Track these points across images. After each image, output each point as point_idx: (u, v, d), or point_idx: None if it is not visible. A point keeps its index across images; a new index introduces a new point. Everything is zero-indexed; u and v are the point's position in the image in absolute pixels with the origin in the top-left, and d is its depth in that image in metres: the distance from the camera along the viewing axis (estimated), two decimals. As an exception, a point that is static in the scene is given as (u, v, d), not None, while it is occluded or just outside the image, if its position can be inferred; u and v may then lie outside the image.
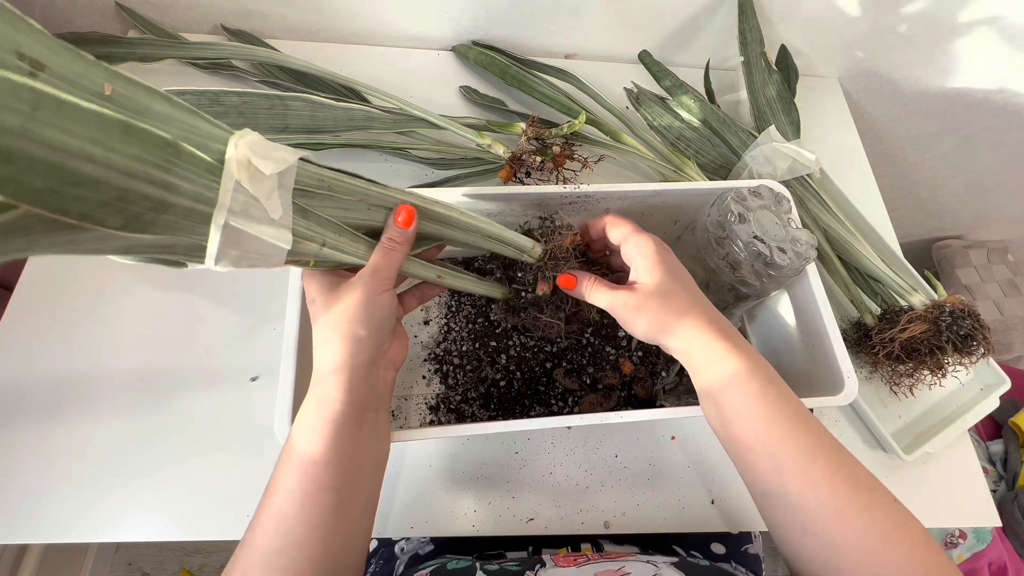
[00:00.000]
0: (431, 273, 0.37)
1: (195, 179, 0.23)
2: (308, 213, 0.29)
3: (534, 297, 0.40)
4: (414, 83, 0.68)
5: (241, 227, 0.25)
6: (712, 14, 0.70)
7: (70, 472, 0.46)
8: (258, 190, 0.26)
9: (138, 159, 0.21)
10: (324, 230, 0.30)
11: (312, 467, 0.30)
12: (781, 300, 0.50)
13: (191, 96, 0.51)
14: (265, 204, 0.26)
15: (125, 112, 0.21)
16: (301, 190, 0.29)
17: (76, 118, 0.19)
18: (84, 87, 0.20)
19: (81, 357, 0.51)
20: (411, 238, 0.33)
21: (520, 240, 0.39)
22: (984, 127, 0.84)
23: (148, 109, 0.22)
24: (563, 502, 0.49)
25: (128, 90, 0.22)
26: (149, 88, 0.22)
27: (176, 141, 0.22)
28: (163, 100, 0.23)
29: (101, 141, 0.19)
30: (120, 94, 0.21)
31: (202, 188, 0.24)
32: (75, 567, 0.99)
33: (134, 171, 0.20)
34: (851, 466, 0.32)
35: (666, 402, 0.52)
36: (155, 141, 0.21)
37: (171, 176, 0.22)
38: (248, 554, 0.30)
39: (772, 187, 0.46)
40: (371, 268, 0.32)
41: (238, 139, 0.25)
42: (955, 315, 0.50)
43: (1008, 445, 0.93)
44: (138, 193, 0.21)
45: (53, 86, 0.18)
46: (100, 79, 0.20)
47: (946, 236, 1.18)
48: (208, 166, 0.24)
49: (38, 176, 0.18)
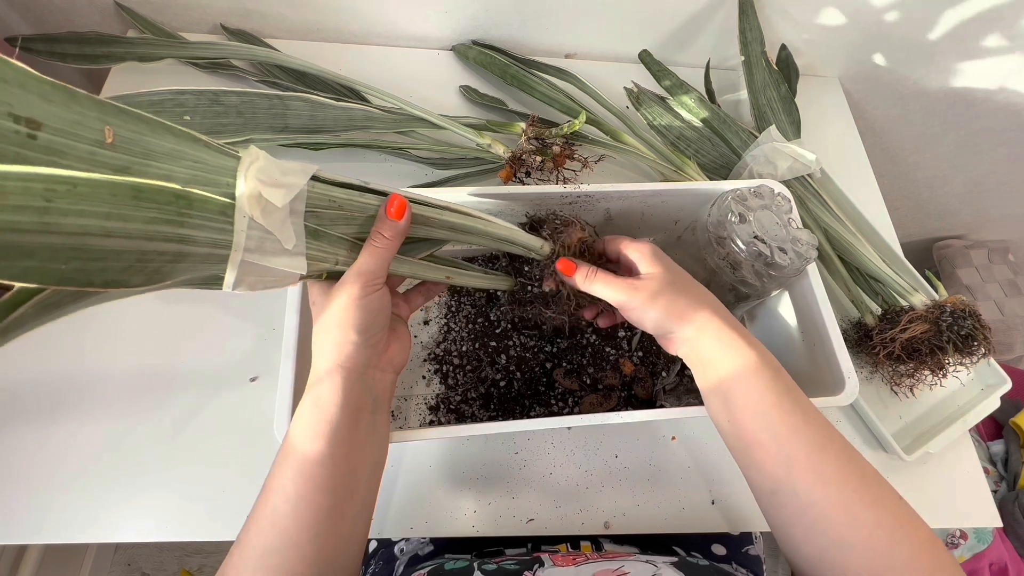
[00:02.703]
0: (440, 275, 0.37)
1: (209, 225, 0.23)
2: (320, 234, 0.29)
3: (540, 292, 0.40)
4: (414, 83, 0.68)
5: (258, 261, 0.25)
6: (712, 14, 0.70)
7: (70, 472, 0.46)
8: (271, 222, 0.25)
9: (154, 220, 0.20)
10: (336, 249, 0.30)
11: (308, 467, 0.30)
12: (782, 300, 0.50)
13: (191, 95, 0.51)
14: (279, 235, 0.26)
15: (129, 161, 0.20)
16: (311, 211, 0.28)
17: (89, 197, 0.18)
18: (84, 137, 0.19)
19: (81, 357, 0.50)
20: (402, 232, 0.32)
21: (529, 240, 0.38)
22: (985, 127, 0.84)
23: (152, 149, 0.22)
24: (563, 502, 0.49)
25: (128, 129, 0.21)
26: (149, 120, 0.22)
27: (187, 191, 0.22)
28: (165, 132, 0.22)
29: (116, 213, 0.19)
30: (121, 137, 0.20)
31: (216, 233, 0.23)
32: (74, 567, 0.99)
33: (151, 234, 0.20)
34: (858, 462, 0.32)
35: (666, 402, 0.51)
36: (166, 197, 0.21)
37: (185, 228, 0.22)
38: (242, 553, 0.30)
39: (773, 187, 0.46)
40: (358, 269, 0.31)
41: (246, 169, 0.24)
42: (956, 315, 0.50)
43: (1009, 445, 0.92)
44: (156, 252, 0.21)
45: (53, 151, 0.18)
46: (97, 123, 0.20)
47: (947, 236, 1.18)
48: (220, 207, 0.23)
49: (61, 262, 0.18)
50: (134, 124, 0.21)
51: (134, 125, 0.21)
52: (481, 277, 0.40)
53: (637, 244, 0.39)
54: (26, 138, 0.17)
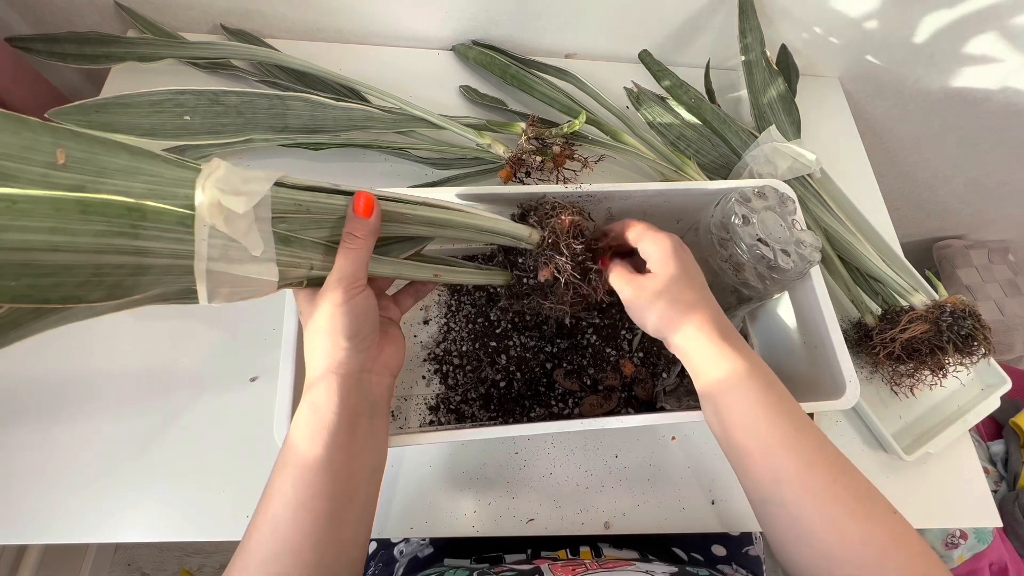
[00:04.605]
0: (427, 273, 0.37)
1: (167, 236, 0.23)
2: (291, 239, 0.29)
3: (536, 283, 0.40)
4: (414, 83, 0.68)
5: (224, 270, 0.25)
6: (712, 14, 0.70)
7: (70, 472, 0.46)
8: (234, 230, 0.25)
9: (104, 234, 0.20)
10: (309, 253, 0.30)
11: (306, 473, 0.30)
12: (783, 302, 0.50)
13: (191, 95, 0.51)
14: (244, 243, 0.25)
15: (83, 180, 0.20)
16: (279, 217, 0.28)
17: (30, 212, 0.18)
18: (34, 160, 0.19)
19: (81, 357, 0.50)
20: (374, 230, 0.31)
21: (516, 230, 0.38)
22: (985, 127, 0.84)
23: (106, 167, 0.21)
24: (563, 502, 0.49)
25: (82, 150, 0.21)
26: (103, 140, 0.22)
27: (139, 203, 0.22)
28: (120, 150, 0.22)
29: (62, 228, 0.19)
30: (74, 158, 0.20)
31: (175, 244, 0.23)
32: (74, 567, 0.99)
33: (102, 247, 0.20)
34: (850, 474, 0.32)
35: (667, 404, 0.51)
36: (116, 210, 0.21)
37: (141, 240, 0.22)
38: (244, 560, 0.30)
39: (777, 187, 0.46)
40: (337, 272, 0.31)
41: (205, 180, 0.24)
42: (956, 315, 0.50)
43: (1009, 445, 0.92)
44: (111, 265, 0.21)
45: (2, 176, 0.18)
46: (50, 147, 0.20)
47: (947, 236, 1.18)
48: (178, 218, 0.23)
49: (9, 278, 0.18)
50: (88, 145, 0.21)
51: (88, 146, 0.21)
52: (474, 272, 0.39)
53: (656, 237, 0.38)
54: None
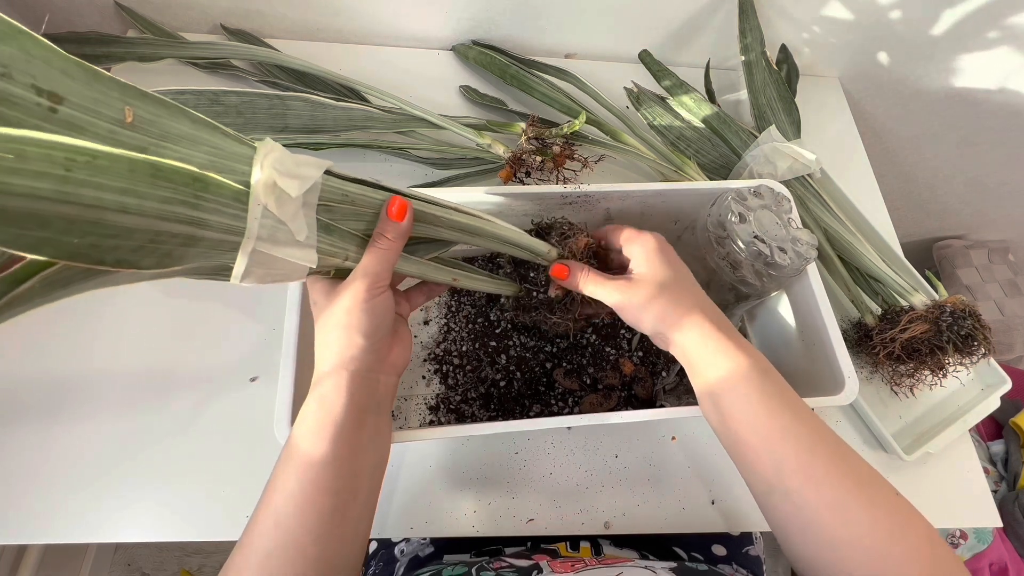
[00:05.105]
0: (447, 276, 0.37)
1: (223, 210, 0.23)
2: (331, 228, 0.29)
3: (545, 298, 0.40)
4: (414, 83, 0.68)
5: (268, 251, 0.25)
6: (712, 14, 0.70)
7: (70, 472, 0.46)
8: (284, 212, 0.25)
9: (169, 200, 0.20)
10: (347, 244, 0.30)
11: (311, 468, 0.30)
12: (781, 300, 0.50)
13: (191, 95, 0.51)
14: (291, 226, 0.26)
15: (147, 141, 0.20)
16: (324, 205, 0.28)
17: (108, 171, 0.18)
18: (104, 115, 0.19)
19: (81, 357, 0.50)
20: (405, 233, 0.32)
21: (536, 245, 0.38)
22: (985, 126, 0.84)
23: (170, 132, 0.22)
24: (563, 502, 0.49)
25: (148, 111, 0.21)
26: (167, 103, 0.22)
27: (203, 174, 0.22)
28: (183, 116, 0.22)
29: (133, 190, 0.19)
30: (141, 118, 0.20)
31: (230, 219, 0.23)
32: (74, 567, 0.99)
33: (165, 213, 0.20)
34: (852, 461, 0.32)
35: (666, 402, 0.51)
36: (183, 179, 0.21)
37: (200, 212, 0.22)
38: (245, 554, 0.30)
39: (772, 187, 0.46)
40: (363, 270, 0.31)
41: (263, 158, 0.25)
42: (956, 315, 0.50)
43: (1009, 445, 0.92)
44: (168, 233, 0.21)
45: (73, 127, 0.18)
46: (119, 103, 0.20)
47: (947, 236, 1.18)
48: (235, 194, 0.23)
49: (75, 235, 0.18)
50: (153, 107, 0.21)
51: (153, 107, 0.21)
52: (487, 281, 0.40)
53: (639, 238, 0.38)
54: (47, 111, 0.17)
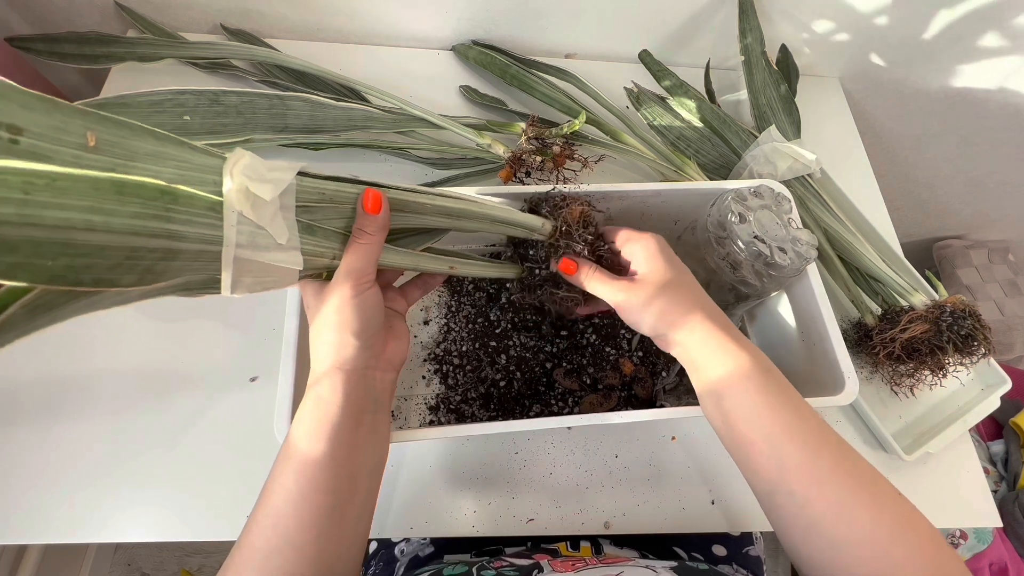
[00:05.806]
0: (443, 265, 0.37)
1: (198, 221, 0.23)
2: (314, 229, 0.29)
3: (549, 273, 0.40)
4: (414, 83, 0.68)
5: (251, 257, 0.25)
6: (712, 14, 0.70)
7: (70, 472, 0.46)
8: (261, 217, 0.25)
9: (138, 216, 0.20)
10: (332, 243, 0.30)
11: (309, 467, 0.30)
12: (781, 300, 0.50)
13: (191, 95, 0.51)
14: (270, 230, 0.26)
15: (114, 162, 0.20)
16: (303, 206, 0.28)
17: (70, 190, 0.18)
18: (66, 142, 0.19)
19: (81, 357, 0.50)
20: (384, 225, 0.31)
21: (529, 220, 0.38)
22: (985, 126, 0.84)
23: (136, 151, 0.22)
24: (563, 502, 0.49)
25: (111, 133, 0.21)
26: (131, 124, 0.22)
27: (170, 187, 0.22)
28: (147, 136, 0.22)
29: (99, 207, 0.19)
30: (104, 140, 0.21)
31: (207, 229, 0.24)
32: (74, 567, 0.99)
33: (136, 228, 0.20)
34: (854, 460, 0.32)
35: (666, 402, 0.51)
36: (150, 192, 0.21)
37: (173, 224, 0.22)
38: (244, 554, 0.30)
39: (772, 187, 0.46)
40: (346, 267, 0.31)
41: (232, 167, 0.25)
42: (956, 315, 0.50)
43: (1009, 445, 0.92)
44: (145, 248, 0.21)
45: (37, 156, 0.18)
46: (81, 129, 0.20)
47: (947, 236, 1.18)
48: (208, 204, 0.24)
49: (46, 257, 0.18)
50: (116, 128, 0.21)
51: (116, 129, 0.21)
52: (488, 266, 0.39)
53: (639, 239, 0.38)
54: (8, 143, 0.18)
